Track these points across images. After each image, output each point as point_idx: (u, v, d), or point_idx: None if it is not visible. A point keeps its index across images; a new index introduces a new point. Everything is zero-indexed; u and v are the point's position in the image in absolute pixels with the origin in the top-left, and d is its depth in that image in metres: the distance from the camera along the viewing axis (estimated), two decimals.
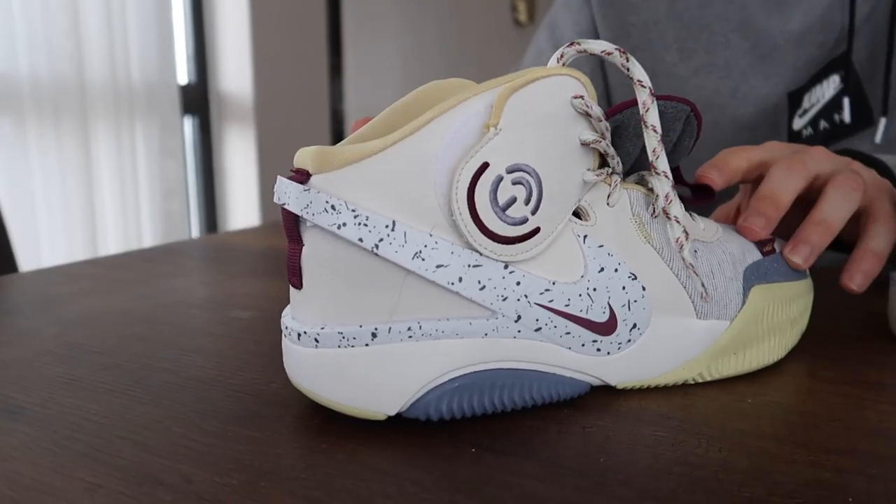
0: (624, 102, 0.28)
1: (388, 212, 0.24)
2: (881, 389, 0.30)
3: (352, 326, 0.25)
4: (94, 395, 0.29)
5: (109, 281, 0.51)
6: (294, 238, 0.25)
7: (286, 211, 0.25)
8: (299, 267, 0.25)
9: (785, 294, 0.32)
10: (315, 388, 0.25)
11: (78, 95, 1.42)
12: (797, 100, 0.60)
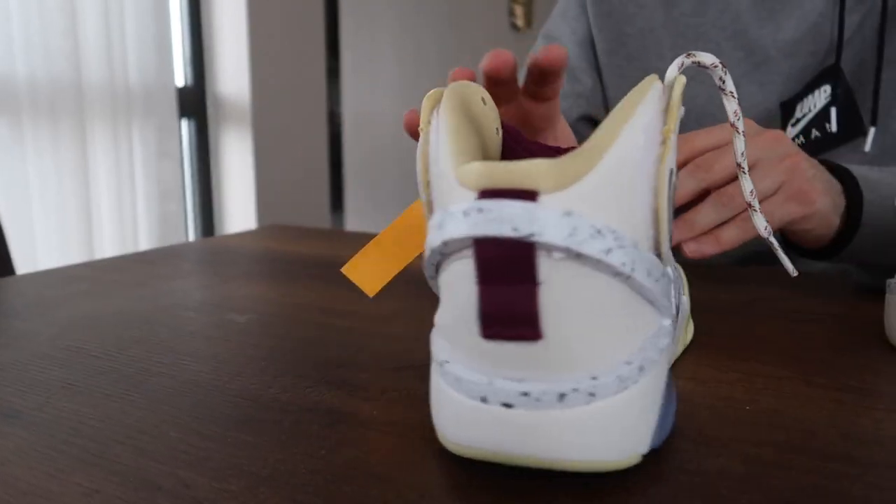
0: None
1: (624, 229, 0.20)
2: (878, 397, 0.30)
3: (625, 367, 0.21)
4: (92, 400, 0.29)
5: (106, 283, 0.51)
6: (524, 277, 0.19)
7: (520, 243, 0.19)
8: (536, 313, 0.20)
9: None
10: (586, 453, 0.21)
11: (75, 97, 1.42)
12: (790, 109, 0.61)
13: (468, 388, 0.21)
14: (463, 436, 0.21)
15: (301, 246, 0.67)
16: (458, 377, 0.21)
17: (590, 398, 0.20)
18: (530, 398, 0.20)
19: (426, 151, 0.25)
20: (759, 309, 0.44)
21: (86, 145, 1.46)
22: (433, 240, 0.21)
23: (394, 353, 0.35)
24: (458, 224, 0.20)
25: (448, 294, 0.21)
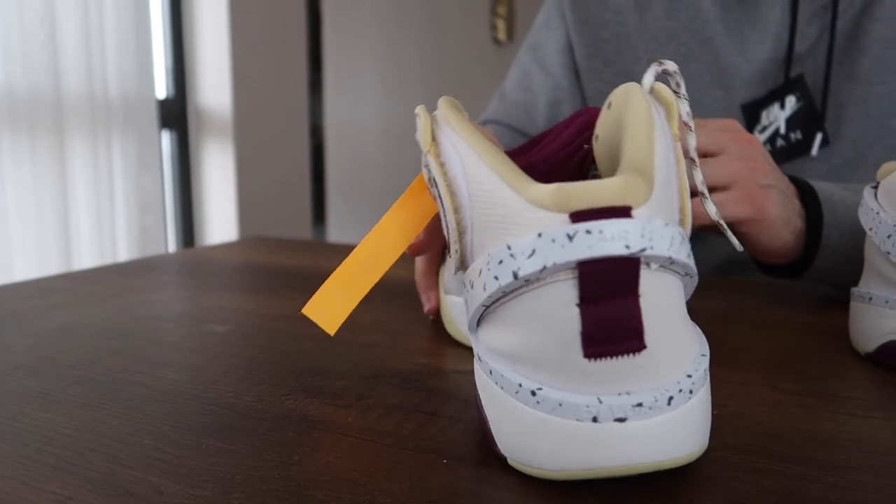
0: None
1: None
2: (840, 401, 0.31)
3: (702, 358, 0.22)
4: (66, 409, 0.29)
5: (83, 295, 0.50)
6: (630, 292, 0.20)
7: (628, 260, 0.20)
8: (641, 326, 0.20)
9: None
10: (683, 448, 0.21)
11: (54, 108, 1.41)
12: (754, 115, 0.63)
13: (575, 410, 0.21)
14: (571, 460, 0.21)
15: (281, 257, 0.67)
16: (561, 402, 0.21)
17: (689, 396, 0.21)
18: (643, 408, 0.20)
19: (445, 173, 0.24)
20: (734, 317, 0.45)
21: (65, 157, 1.45)
22: (514, 269, 0.21)
23: (370, 362, 0.36)
24: (562, 249, 0.20)
25: (532, 322, 0.21)
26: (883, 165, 0.37)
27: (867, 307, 0.36)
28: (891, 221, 0.35)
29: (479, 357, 0.24)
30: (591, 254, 0.20)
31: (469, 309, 0.24)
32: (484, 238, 0.22)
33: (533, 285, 0.21)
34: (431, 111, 0.87)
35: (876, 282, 0.36)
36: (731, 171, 0.44)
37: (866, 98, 0.59)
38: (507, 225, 0.21)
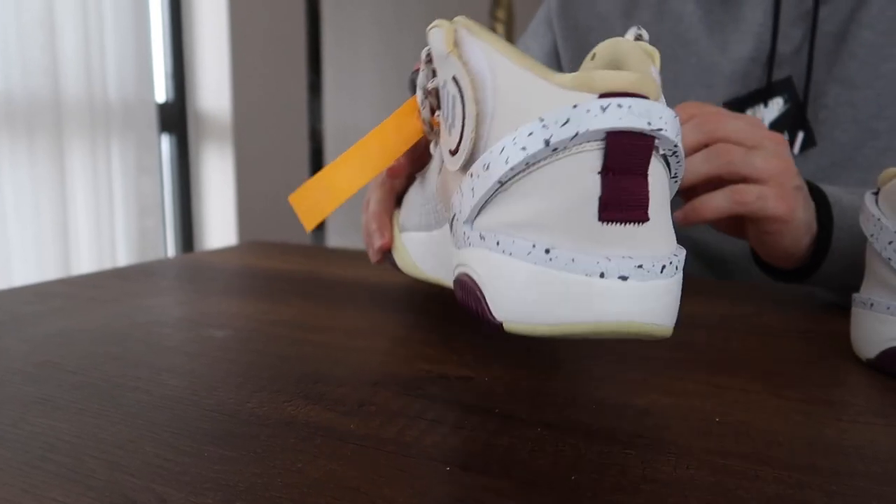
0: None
1: None
2: (842, 408, 0.31)
3: (678, 252, 0.25)
4: (67, 415, 0.29)
5: (82, 300, 0.50)
6: (642, 169, 0.23)
7: (646, 138, 0.23)
8: (647, 199, 0.23)
9: None
10: (665, 318, 0.24)
11: (53, 111, 1.41)
12: (739, 111, 0.64)
13: (586, 266, 0.23)
14: (572, 314, 0.23)
15: (280, 262, 0.67)
16: (573, 258, 0.23)
17: (676, 270, 0.24)
18: (643, 270, 0.23)
19: (469, 69, 0.26)
20: (734, 323, 0.45)
21: (63, 160, 1.45)
22: (546, 137, 0.23)
23: (371, 368, 0.36)
24: (595, 118, 0.22)
25: (551, 189, 0.24)
26: (884, 171, 0.37)
27: (868, 313, 0.36)
28: (892, 227, 0.35)
29: (481, 237, 0.26)
30: (621, 125, 0.22)
31: (474, 195, 0.26)
32: (506, 124, 0.25)
33: (558, 154, 0.23)
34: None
35: (877, 288, 0.36)
36: (771, 167, 0.44)
37: (854, 101, 0.60)
38: (537, 108, 0.24)
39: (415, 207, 0.30)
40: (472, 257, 0.27)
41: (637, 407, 0.31)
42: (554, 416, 0.30)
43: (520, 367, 0.36)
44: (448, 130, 0.28)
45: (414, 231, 0.40)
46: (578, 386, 0.33)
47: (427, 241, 0.38)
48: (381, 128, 0.32)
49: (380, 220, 0.42)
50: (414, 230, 0.40)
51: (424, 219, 0.38)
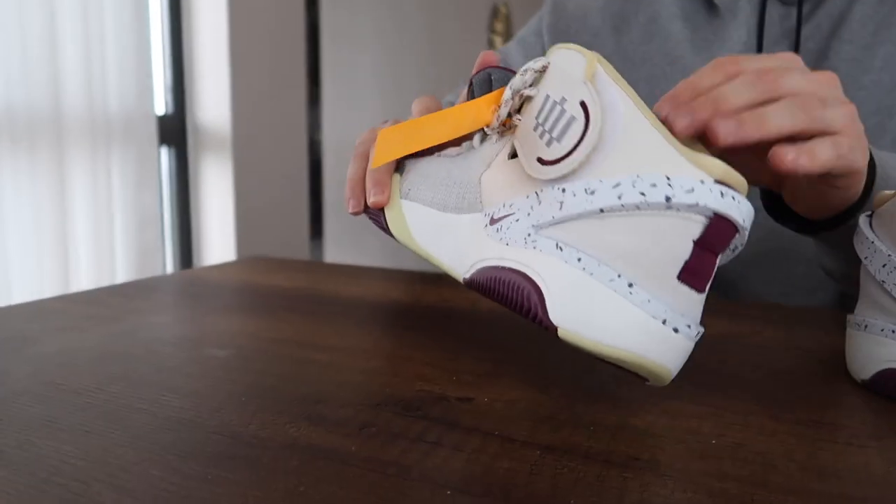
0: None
1: None
2: (837, 430, 0.31)
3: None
4: (72, 437, 0.29)
5: (83, 318, 0.51)
6: (720, 251, 0.28)
7: (735, 230, 0.28)
8: (711, 276, 0.29)
9: None
10: (677, 371, 0.30)
11: (53, 125, 1.42)
12: None
13: (656, 310, 0.28)
14: (626, 342, 0.28)
15: (281, 279, 0.67)
16: (649, 300, 0.28)
17: (697, 337, 0.30)
18: (688, 329, 0.29)
19: (600, 99, 0.30)
20: (730, 344, 0.46)
21: (63, 174, 1.46)
22: (668, 195, 0.27)
23: (373, 389, 0.36)
24: (715, 199, 0.27)
25: (650, 236, 0.28)
26: (878, 194, 0.37)
27: (863, 335, 0.37)
28: (885, 251, 0.35)
29: (559, 247, 0.30)
30: (730, 213, 0.27)
31: (562, 209, 0.30)
32: (623, 164, 0.29)
33: (670, 212, 0.28)
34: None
35: (871, 310, 0.37)
36: (847, 118, 0.37)
37: None
38: (660, 166, 0.28)
39: (433, 184, 0.35)
40: (538, 261, 0.31)
41: (635, 428, 0.31)
42: (553, 437, 0.30)
43: (519, 388, 0.36)
44: (546, 142, 0.31)
45: (423, 204, 0.40)
46: (576, 406, 0.34)
47: (438, 219, 0.38)
48: (463, 106, 0.37)
49: (381, 176, 0.42)
50: (423, 203, 0.39)
51: (444, 198, 0.38)
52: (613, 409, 0.33)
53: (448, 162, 0.40)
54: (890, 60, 0.60)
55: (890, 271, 0.35)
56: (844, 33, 0.61)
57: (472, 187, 0.36)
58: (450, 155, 0.41)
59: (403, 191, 0.41)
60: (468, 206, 0.37)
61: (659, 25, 0.69)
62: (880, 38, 0.60)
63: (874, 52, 0.60)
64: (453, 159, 0.39)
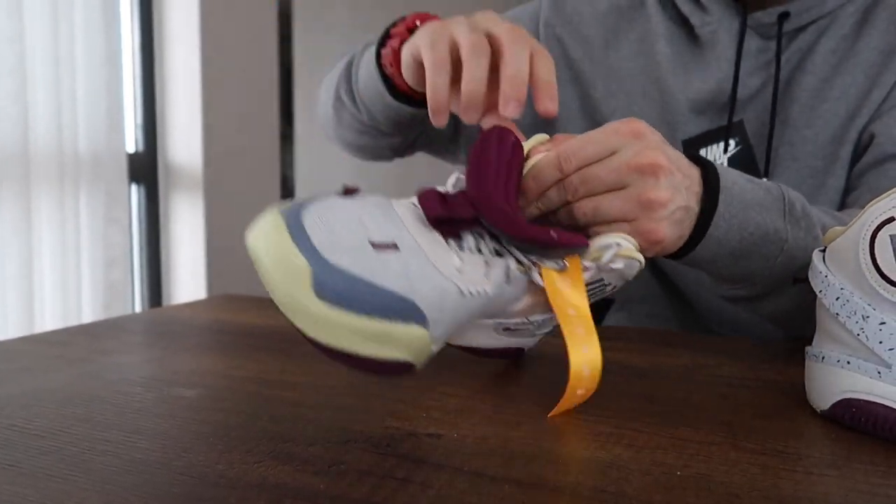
0: None
1: None
2: (798, 459, 0.32)
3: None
4: (33, 481, 0.29)
5: (48, 358, 0.50)
6: None
7: None
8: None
9: None
10: None
11: (21, 162, 1.40)
12: (693, 151, 0.68)
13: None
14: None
15: (250, 316, 0.67)
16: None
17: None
18: None
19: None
20: (695, 375, 0.46)
21: (31, 211, 1.44)
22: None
23: (341, 425, 0.36)
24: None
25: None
26: (829, 231, 0.39)
27: (821, 366, 0.38)
28: (838, 284, 0.36)
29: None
30: None
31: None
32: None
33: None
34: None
35: (828, 342, 0.38)
36: (626, 209, 0.42)
37: (794, 141, 0.64)
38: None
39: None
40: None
41: (601, 461, 0.32)
42: (521, 472, 0.30)
43: (487, 424, 0.37)
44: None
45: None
46: (544, 440, 0.34)
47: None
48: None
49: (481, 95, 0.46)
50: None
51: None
52: (580, 442, 0.34)
53: (486, 300, 0.39)
54: (846, 91, 0.63)
55: (843, 304, 0.36)
56: (808, 65, 0.64)
57: (503, 311, 0.41)
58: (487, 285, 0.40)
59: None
60: (491, 310, 0.40)
61: (646, 46, 0.72)
62: (839, 70, 0.64)
63: (833, 83, 0.63)
64: (490, 299, 0.39)
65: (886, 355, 0.34)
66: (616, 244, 0.40)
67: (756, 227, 0.46)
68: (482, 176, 0.37)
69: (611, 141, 0.42)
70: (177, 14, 1.80)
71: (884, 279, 0.34)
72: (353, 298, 0.30)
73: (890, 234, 0.34)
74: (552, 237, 0.36)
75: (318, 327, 0.30)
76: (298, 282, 0.30)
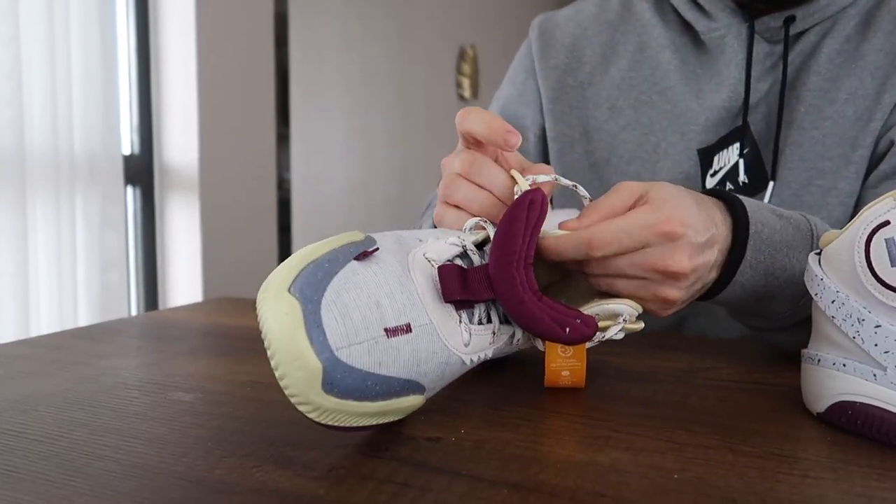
0: None
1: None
2: (794, 462, 0.32)
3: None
4: (33, 487, 0.29)
5: (46, 362, 0.50)
6: None
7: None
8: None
9: None
10: None
11: (17, 165, 1.40)
12: (708, 159, 0.68)
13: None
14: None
15: (247, 319, 0.67)
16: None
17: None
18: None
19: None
20: (693, 378, 0.47)
21: (26, 213, 1.43)
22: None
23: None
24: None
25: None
26: (824, 234, 0.39)
27: (816, 369, 0.38)
28: (833, 287, 0.37)
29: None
30: None
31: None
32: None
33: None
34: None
35: (824, 344, 0.38)
36: (637, 294, 0.43)
37: (801, 142, 0.64)
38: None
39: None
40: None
41: (600, 464, 0.32)
42: (519, 476, 0.30)
43: (485, 427, 0.37)
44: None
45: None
46: (543, 444, 0.34)
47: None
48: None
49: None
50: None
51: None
52: (579, 446, 0.34)
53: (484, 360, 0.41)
54: (854, 93, 0.63)
55: (839, 307, 0.36)
56: (813, 66, 0.65)
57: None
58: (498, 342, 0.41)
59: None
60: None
61: (647, 55, 0.72)
62: (846, 72, 0.64)
63: (839, 85, 0.64)
64: (488, 358, 0.40)
65: (882, 358, 0.34)
66: (623, 319, 0.41)
67: (782, 269, 0.47)
68: (508, 251, 0.37)
69: (643, 236, 0.41)
70: (173, 16, 1.80)
71: (879, 282, 0.34)
72: (362, 391, 0.31)
73: (885, 238, 0.34)
74: (565, 334, 0.37)
75: (325, 415, 0.31)
76: (311, 380, 0.30)
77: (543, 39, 0.78)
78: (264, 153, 2.05)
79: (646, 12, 0.73)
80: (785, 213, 0.49)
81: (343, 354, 0.31)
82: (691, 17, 0.68)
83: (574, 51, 0.76)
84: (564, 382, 0.43)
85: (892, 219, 0.34)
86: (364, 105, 2.64)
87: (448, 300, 0.35)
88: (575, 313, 0.37)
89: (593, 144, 0.73)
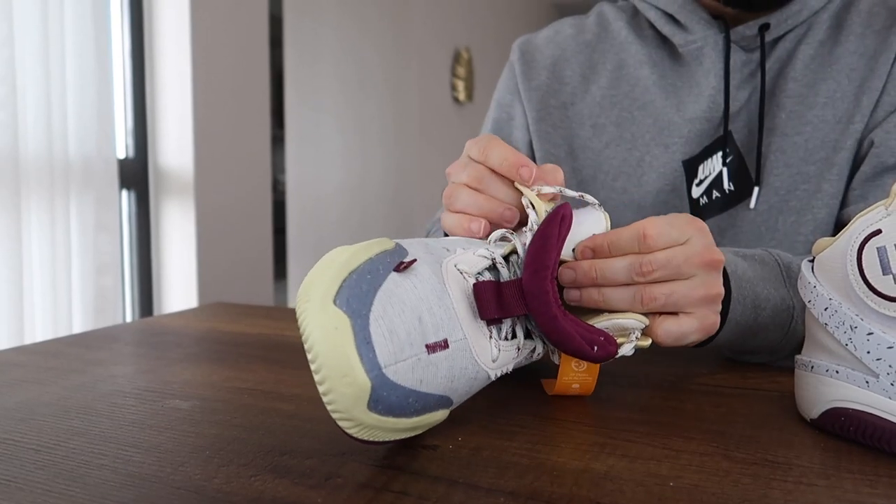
0: None
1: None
2: (788, 468, 0.32)
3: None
4: (31, 497, 0.29)
5: (41, 370, 0.50)
6: None
7: None
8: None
9: None
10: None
11: (11, 169, 1.39)
12: (693, 169, 0.69)
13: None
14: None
15: (244, 325, 0.67)
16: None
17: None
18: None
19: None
20: (689, 384, 0.47)
21: (20, 217, 1.43)
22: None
23: (338, 438, 0.36)
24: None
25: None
26: (817, 242, 0.39)
27: (810, 375, 0.39)
28: (826, 295, 0.37)
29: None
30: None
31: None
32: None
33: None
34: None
35: (817, 351, 0.38)
36: (695, 300, 0.43)
37: (784, 148, 0.65)
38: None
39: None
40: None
41: (595, 472, 0.32)
42: (516, 484, 0.31)
43: (482, 434, 0.37)
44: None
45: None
46: (539, 451, 0.34)
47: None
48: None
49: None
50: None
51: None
52: (575, 453, 0.34)
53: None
54: (832, 96, 0.64)
55: (832, 314, 0.37)
56: (791, 72, 0.66)
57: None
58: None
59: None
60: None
61: (626, 72, 0.73)
62: (822, 76, 0.65)
63: (817, 90, 0.65)
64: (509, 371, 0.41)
65: (874, 365, 0.35)
66: (636, 336, 0.41)
67: (766, 300, 0.49)
68: (542, 266, 0.36)
69: (686, 230, 0.42)
70: (167, 19, 1.80)
71: (871, 290, 0.35)
72: (402, 408, 0.31)
73: (877, 247, 0.34)
74: (593, 352, 0.37)
75: (363, 431, 0.31)
76: (358, 397, 0.30)
77: (525, 61, 0.79)
78: (259, 155, 2.05)
79: (622, 30, 0.74)
80: (745, 251, 0.52)
81: (390, 372, 0.30)
82: (668, 30, 0.69)
83: (555, 72, 0.77)
84: (572, 393, 0.43)
85: (883, 227, 0.34)
86: (359, 107, 2.64)
87: (484, 318, 0.36)
88: (599, 331, 0.38)
89: (579, 162, 0.74)
